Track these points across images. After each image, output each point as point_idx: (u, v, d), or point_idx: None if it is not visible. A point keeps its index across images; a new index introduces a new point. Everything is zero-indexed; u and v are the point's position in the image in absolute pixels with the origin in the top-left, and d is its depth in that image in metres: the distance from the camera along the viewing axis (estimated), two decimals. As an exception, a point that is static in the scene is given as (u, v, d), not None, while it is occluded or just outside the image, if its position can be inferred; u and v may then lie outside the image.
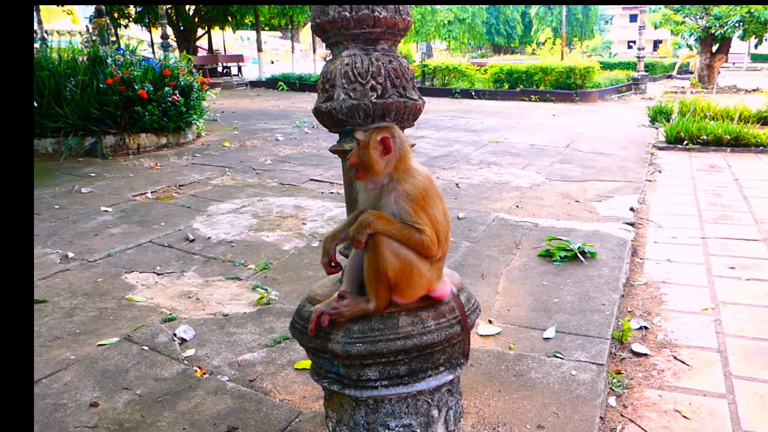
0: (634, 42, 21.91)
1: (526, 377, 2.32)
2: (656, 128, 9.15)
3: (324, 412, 1.75)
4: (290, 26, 25.25)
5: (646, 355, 2.56)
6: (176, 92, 7.52)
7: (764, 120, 8.26)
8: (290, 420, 2.07)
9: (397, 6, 1.57)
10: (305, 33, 37.31)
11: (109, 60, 7.40)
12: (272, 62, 34.63)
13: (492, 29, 36.34)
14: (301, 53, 37.71)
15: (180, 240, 4.05)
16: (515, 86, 15.16)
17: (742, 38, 16.30)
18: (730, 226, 4.30)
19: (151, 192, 5.39)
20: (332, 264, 1.54)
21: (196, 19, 20.53)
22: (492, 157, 7.06)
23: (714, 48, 16.87)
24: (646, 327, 2.82)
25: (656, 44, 42.90)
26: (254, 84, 19.68)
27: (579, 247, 3.60)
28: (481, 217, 4.48)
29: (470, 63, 19.56)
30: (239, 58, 22.95)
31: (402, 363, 1.52)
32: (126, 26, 21.10)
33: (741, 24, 15.33)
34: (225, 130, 9.33)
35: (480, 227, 4.24)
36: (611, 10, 51.74)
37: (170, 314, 2.92)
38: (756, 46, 18.02)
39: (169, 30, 18.32)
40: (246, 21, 22.23)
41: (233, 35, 33.34)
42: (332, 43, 1.63)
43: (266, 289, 3.20)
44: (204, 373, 2.39)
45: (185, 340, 2.66)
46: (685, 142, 7.47)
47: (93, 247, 3.91)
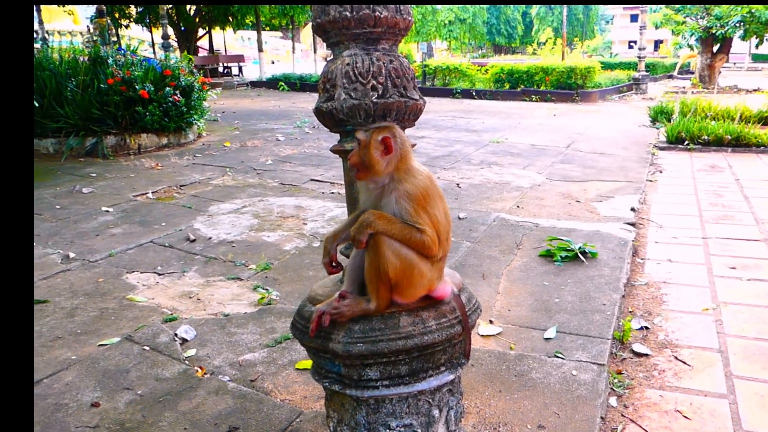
0: (635, 42, 21.89)
1: (527, 377, 2.32)
2: (657, 128, 9.14)
3: (325, 412, 1.76)
4: (291, 26, 25.28)
5: (647, 356, 2.56)
6: (177, 92, 7.52)
7: (765, 120, 8.26)
8: (291, 420, 2.07)
9: (398, 6, 1.57)
10: (306, 33, 37.37)
11: (110, 60, 7.40)
12: (273, 62, 34.64)
13: (493, 29, 36.31)
14: (302, 53, 37.76)
15: (181, 240, 4.05)
16: (516, 86, 15.16)
17: (743, 38, 16.27)
18: (731, 227, 4.30)
19: (152, 192, 5.39)
20: (333, 264, 1.54)
21: (197, 19, 20.56)
22: (493, 157, 7.06)
23: (715, 48, 16.86)
24: (647, 327, 2.82)
25: (657, 44, 42.87)
26: (255, 84, 19.69)
27: (580, 248, 3.60)
28: (482, 217, 4.48)
29: (471, 63, 19.55)
30: (240, 59, 22.97)
31: (403, 363, 1.52)
32: (127, 26, 21.13)
33: (742, 24, 15.31)
34: (226, 131, 9.34)
35: (481, 227, 4.24)
36: (612, 10, 51.72)
37: (171, 314, 2.92)
38: (757, 46, 17.96)
39: (170, 30, 18.33)
40: (247, 21, 22.26)
41: (234, 35, 33.36)
42: (333, 43, 1.63)
43: (267, 289, 3.20)
44: (205, 373, 2.39)
45: (186, 340, 2.66)
46: (686, 142, 7.46)
47: (94, 247, 3.91)
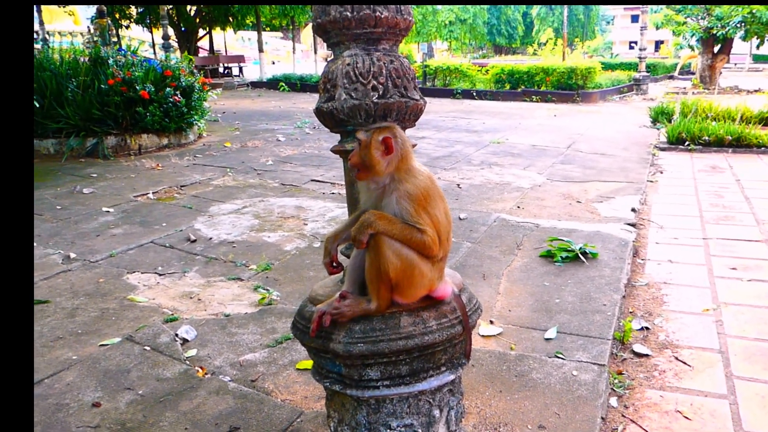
0: (636, 42, 21.90)
1: (528, 378, 2.32)
2: (658, 129, 9.14)
3: (326, 412, 1.76)
4: (291, 27, 25.28)
5: (648, 356, 2.56)
6: (177, 93, 7.53)
7: (766, 121, 8.24)
8: (292, 420, 2.07)
9: (399, 6, 1.57)
10: (306, 33, 37.39)
11: (111, 61, 7.41)
12: (273, 63, 34.65)
13: (493, 30, 36.30)
14: (303, 54, 37.78)
15: (181, 240, 4.05)
16: (516, 87, 15.16)
17: (744, 39, 16.28)
18: (732, 227, 4.30)
19: (153, 192, 5.39)
20: (334, 264, 1.54)
21: (198, 20, 20.57)
22: (493, 158, 7.06)
23: (716, 48, 16.85)
24: (648, 328, 2.82)
25: (658, 45, 42.87)
26: (255, 84, 19.69)
27: (580, 248, 3.60)
28: (483, 218, 4.48)
29: (471, 63, 19.54)
30: (240, 59, 22.97)
31: (403, 363, 1.52)
32: (127, 27, 21.14)
33: (743, 24, 15.31)
34: (226, 131, 9.34)
35: (481, 228, 4.24)
36: (613, 11, 51.70)
37: (172, 314, 2.92)
38: (758, 47, 17.92)
39: (171, 31, 18.34)
40: (247, 21, 22.26)
41: (234, 36, 33.36)
42: (333, 44, 1.63)
43: (268, 290, 3.20)
44: (206, 374, 2.39)
45: (187, 341, 2.66)
46: (687, 143, 7.46)
47: (95, 248, 3.92)
